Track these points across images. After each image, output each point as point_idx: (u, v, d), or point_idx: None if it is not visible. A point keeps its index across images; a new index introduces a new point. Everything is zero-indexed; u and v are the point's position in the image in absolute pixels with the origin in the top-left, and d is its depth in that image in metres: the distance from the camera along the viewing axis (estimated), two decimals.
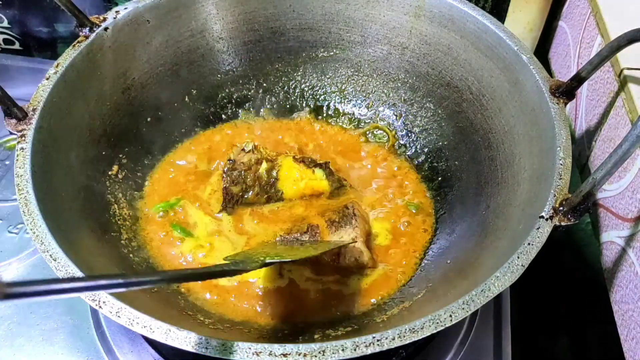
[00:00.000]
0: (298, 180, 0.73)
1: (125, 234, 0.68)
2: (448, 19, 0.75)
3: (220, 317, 0.63)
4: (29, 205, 0.53)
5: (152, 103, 0.78)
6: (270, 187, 0.74)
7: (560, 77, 0.64)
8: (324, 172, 0.74)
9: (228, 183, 0.72)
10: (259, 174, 0.73)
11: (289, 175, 0.74)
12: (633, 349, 0.53)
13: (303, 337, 0.59)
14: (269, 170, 0.73)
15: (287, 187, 0.74)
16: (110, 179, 0.71)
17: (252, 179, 0.73)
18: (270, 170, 0.73)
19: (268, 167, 0.73)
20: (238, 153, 0.75)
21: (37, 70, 1.03)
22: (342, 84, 0.88)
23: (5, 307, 0.72)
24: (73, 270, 0.49)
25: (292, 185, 0.74)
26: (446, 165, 0.78)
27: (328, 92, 0.89)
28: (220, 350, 0.44)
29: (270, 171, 0.73)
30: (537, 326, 0.84)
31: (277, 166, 0.74)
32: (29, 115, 0.59)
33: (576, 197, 0.50)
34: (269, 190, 0.74)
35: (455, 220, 0.71)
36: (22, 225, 0.80)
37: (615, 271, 0.58)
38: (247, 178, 0.73)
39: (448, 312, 0.46)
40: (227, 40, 0.84)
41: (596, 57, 0.58)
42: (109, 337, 0.69)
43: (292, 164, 0.74)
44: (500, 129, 0.69)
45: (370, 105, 0.87)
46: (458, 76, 0.76)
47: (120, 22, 0.71)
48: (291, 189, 0.74)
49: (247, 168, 0.73)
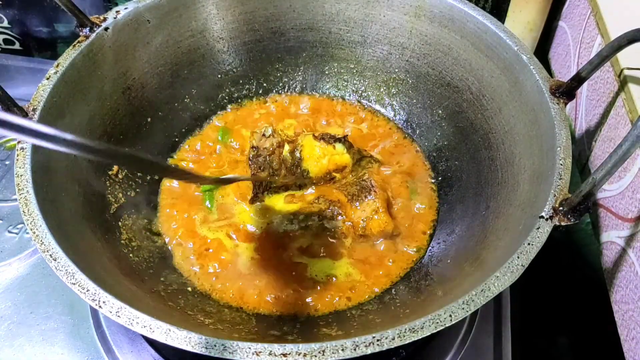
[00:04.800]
0: (321, 157, 0.74)
1: (125, 234, 0.68)
2: (448, 19, 0.75)
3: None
4: (29, 205, 0.53)
5: (152, 103, 0.79)
6: (296, 167, 0.74)
7: (560, 77, 0.64)
8: (344, 146, 0.75)
9: (255, 170, 0.73)
10: (283, 157, 0.74)
11: (312, 154, 0.74)
12: (633, 349, 0.53)
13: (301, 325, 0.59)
14: (292, 151, 0.74)
15: (312, 166, 0.74)
16: (110, 179, 0.71)
17: (277, 163, 0.73)
18: (294, 152, 0.74)
19: (291, 148, 0.74)
20: (259, 139, 0.74)
21: (37, 70, 1.03)
22: (342, 84, 0.88)
23: (5, 307, 0.72)
24: (73, 270, 0.49)
25: (316, 163, 0.74)
26: (446, 165, 0.78)
27: (328, 92, 0.89)
28: (220, 350, 0.44)
29: (294, 152, 0.74)
30: (537, 326, 0.84)
31: (299, 146, 0.74)
32: (29, 115, 0.59)
33: (576, 197, 0.50)
34: (295, 171, 0.74)
35: (455, 220, 0.71)
36: (22, 225, 0.80)
37: (615, 271, 0.58)
38: (273, 162, 0.73)
39: (448, 312, 0.46)
40: (227, 40, 0.84)
41: (596, 57, 0.58)
42: (109, 337, 0.69)
43: (312, 142, 0.74)
44: (500, 129, 0.69)
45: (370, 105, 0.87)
46: (458, 76, 0.76)
47: (120, 22, 0.71)
48: (316, 167, 0.75)
49: (270, 152, 0.73)
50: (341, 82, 0.88)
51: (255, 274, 0.68)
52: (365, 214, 0.69)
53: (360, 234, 0.69)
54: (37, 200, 0.53)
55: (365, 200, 0.69)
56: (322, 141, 0.74)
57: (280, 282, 0.67)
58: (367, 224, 0.69)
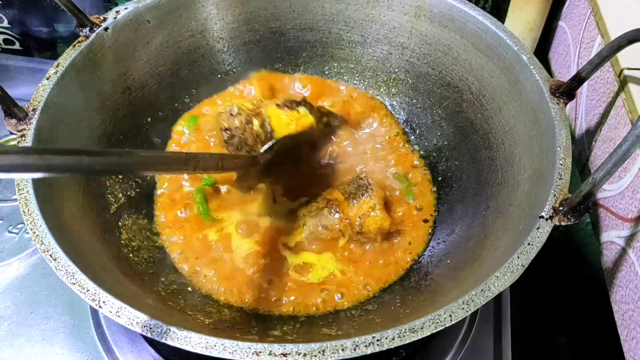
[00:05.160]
0: (289, 123, 0.75)
1: (125, 234, 0.68)
2: (448, 19, 0.75)
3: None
4: (29, 205, 0.53)
5: (152, 103, 0.79)
6: (269, 139, 0.74)
7: (560, 77, 0.64)
8: (306, 108, 0.76)
9: (234, 150, 0.73)
10: (256, 132, 0.74)
11: (279, 122, 0.75)
12: (633, 349, 0.53)
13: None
14: (262, 124, 0.74)
15: (283, 133, 0.75)
16: (111, 179, 0.71)
17: (252, 139, 0.73)
18: (263, 124, 0.74)
19: (260, 121, 0.74)
20: (228, 119, 0.75)
21: (37, 70, 1.03)
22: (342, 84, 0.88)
23: (5, 307, 0.72)
24: (73, 270, 0.49)
25: (286, 130, 0.75)
26: (446, 165, 0.78)
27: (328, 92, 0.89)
28: (220, 350, 0.44)
29: (263, 124, 0.74)
30: (537, 326, 0.84)
31: (267, 118, 0.75)
32: (29, 115, 0.59)
33: (576, 197, 0.50)
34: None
35: (455, 220, 0.71)
36: (22, 225, 0.80)
37: (615, 271, 0.58)
38: (248, 139, 0.73)
39: (448, 312, 0.46)
40: (227, 40, 0.84)
41: (596, 57, 0.58)
42: (109, 337, 0.69)
43: (277, 111, 0.75)
44: (500, 129, 0.69)
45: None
46: (458, 76, 0.76)
47: (120, 22, 0.71)
48: (287, 133, 0.76)
49: (242, 131, 0.73)
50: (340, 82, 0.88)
51: (255, 273, 0.68)
52: (362, 211, 0.69)
53: (357, 231, 0.69)
54: (37, 200, 0.53)
55: (362, 198, 0.69)
56: (285, 108, 0.75)
57: (280, 281, 0.67)
58: (364, 221, 0.69)
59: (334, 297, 0.66)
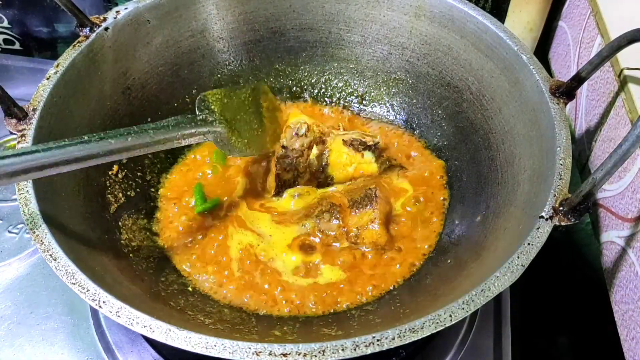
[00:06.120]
0: (347, 164, 0.74)
1: (125, 234, 0.68)
2: (448, 19, 0.75)
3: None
4: (29, 205, 0.53)
5: (152, 103, 0.78)
6: (320, 173, 0.74)
7: (560, 77, 0.64)
8: (373, 155, 0.75)
9: (280, 170, 0.73)
10: (310, 161, 0.73)
11: (338, 160, 0.74)
12: (633, 349, 0.53)
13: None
14: (319, 155, 0.74)
15: (337, 172, 0.75)
16: (111, 179, 0.71)
17: (303, 166, 0.74)
18: (320, 156, 0.74)
19: (318, 152, 0.73)
20: (290, 137, 0.74)
21: (37, 70, 1.03)
22: (342, 84, 0.88)
23: (5, 307, 0.72)
24: (73, 270, 0.49)
25: (341, 170, 0.74)
26: (446, 165, 0.78)
27: (328, 92, 0.89)
28: (220, 350, 0.44)
29: (320, 156, 0.74)
30: (537, 326, 0.84)
31: (327, 150, 0.74)
32: (29, 115, 0.59)
33: (576, 197, 0.50)
34: (319, 176, 0.74)
35: (455, 221, 0.71)
36: (22, 225, 0.80)
37: (615, 271, 0.58)
38: (299, 165, 0.73)
39: (448, 312, 0.46)
40: (227, 40, 0.84)
41: (596, 57, 0.58)
42: (109, 337, 0.69)
43: (341, 147, 0.74)
44: (500, 129, 0.69)
45: (370, 105, 0.87)
46: (458, 76, 0.76)
47: (120, 22, 0.71)
48: (341, 174, 0.75)
49: (299, 155, 0.73)
50: (341, 82, 0.88)
51: (255, 273, 0.68)
52: (362, 222, 0.68)
53: (352, 241, 0.69)
54: (37, 200, 0.53)
55: (365, 209, 0.69)
56: (350, 147, 0.74)
57: (280, 282, 0.67)
58: (360, 233, 0.68)
59: (334, 297, 0.66)
